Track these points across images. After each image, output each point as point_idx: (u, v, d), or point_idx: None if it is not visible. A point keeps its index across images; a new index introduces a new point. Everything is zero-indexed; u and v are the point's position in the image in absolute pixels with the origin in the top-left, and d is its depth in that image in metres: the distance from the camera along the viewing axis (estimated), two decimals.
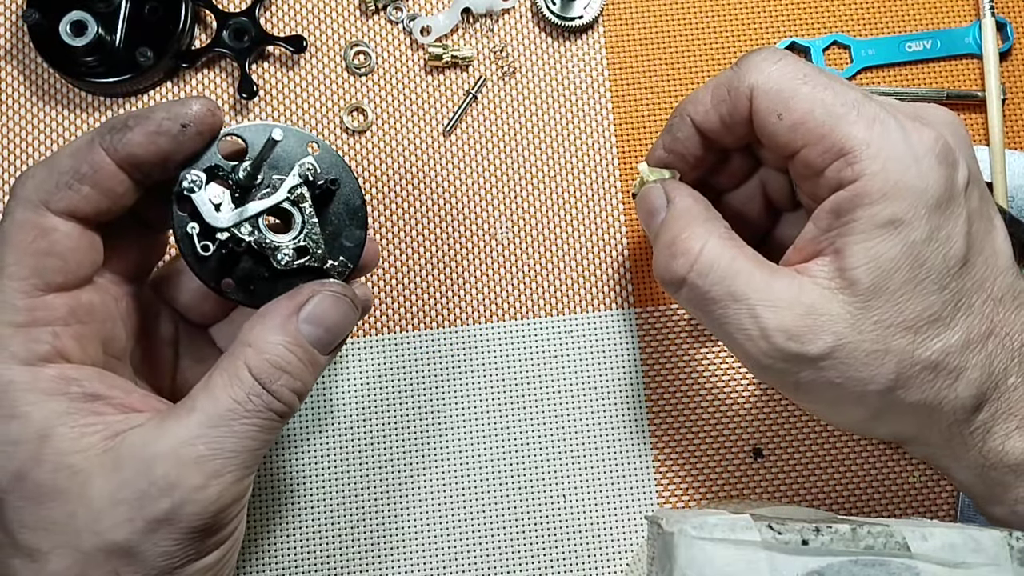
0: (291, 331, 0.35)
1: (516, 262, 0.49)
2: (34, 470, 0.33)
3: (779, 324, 0.35)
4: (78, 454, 0.33)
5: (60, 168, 0.34)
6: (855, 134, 0.35)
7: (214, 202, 0.36)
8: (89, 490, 0.33)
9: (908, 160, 0.35)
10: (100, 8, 0.48)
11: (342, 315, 0.37)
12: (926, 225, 0.35)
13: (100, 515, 0.32)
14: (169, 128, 0.35)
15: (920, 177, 0.34)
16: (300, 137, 0.38)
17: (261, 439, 0.35)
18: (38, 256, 0.34)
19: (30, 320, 0.34)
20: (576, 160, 0.50)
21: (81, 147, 0.35)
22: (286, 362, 0.35)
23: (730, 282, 0.36)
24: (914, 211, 0.34)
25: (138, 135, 0.34)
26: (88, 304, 0.36)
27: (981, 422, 0.36)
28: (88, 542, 0.32)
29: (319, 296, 0.36)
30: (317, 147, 0.38)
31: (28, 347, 0.34)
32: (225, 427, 0.34)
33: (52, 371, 0.34)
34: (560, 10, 0.50)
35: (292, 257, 0.37)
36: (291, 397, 0.35)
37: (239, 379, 0.34)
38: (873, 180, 0.34)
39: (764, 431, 0.48)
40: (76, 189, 0.34)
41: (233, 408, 0.34)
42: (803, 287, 0.36)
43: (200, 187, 0.36)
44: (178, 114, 0.35)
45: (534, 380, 0.48)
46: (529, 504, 0.47)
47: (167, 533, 0.33)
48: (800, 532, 0.35)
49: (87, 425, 0.33)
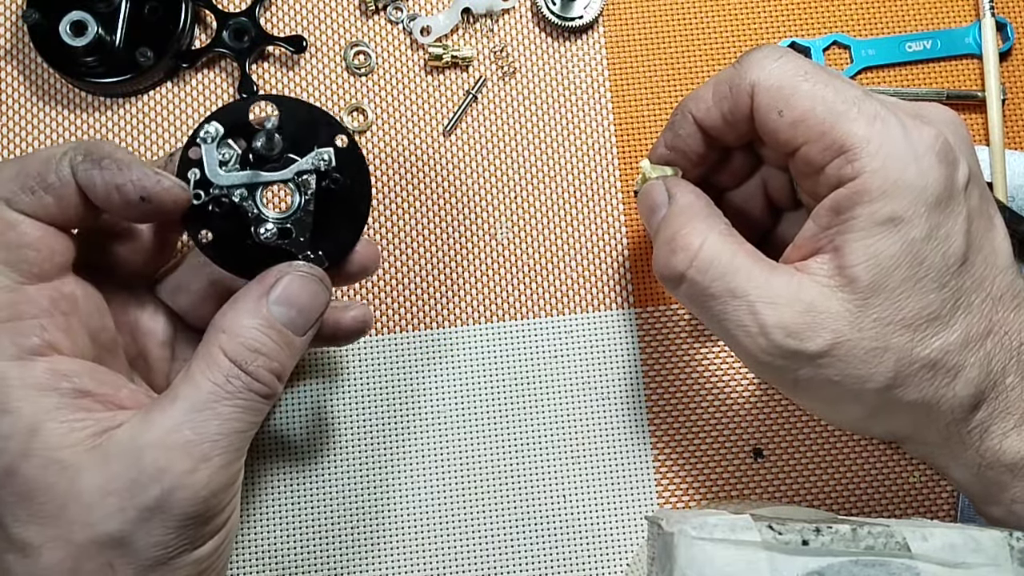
0: (262, 314, 0.36)
1: (516, 262, 0.49)
2: (23, 465, 0.33)
3: (778, 321, 0.35)
4: (67, 449, 0.33)
5: (29, 171, 0.34)
6: (855, 131, 0.35)
7: (222, 159, 0.37)
8: (79, 484, 0.33)
9: (908, 158, 0.35)
10: (100, 8, 0.48)
11: (311, 295, 0.37)
12: (925, 223, 0.34)
13: (91, 507, 0.32)
14: (128, 193, 0.34)
15: (920, 175, 0.34)
16: (332, 128, 0.38)
17: (246, 420, 0.35)
18: (9, 248, 0.34)
19: (14, 314, 0.34)
20: (576, 160, 0.50)
21: (55, 156, 0.35)
22: (260, 343, 0.35)
23: (729, 278, 0.36)
24: (914, 209, 0.34)
25: (101, 178, 0.34)
26: (70, 295, 0.36)
27: (979, 421, 0.36)
28: (80, 534, 0.32)
29: (287, 277, 0.36)
30: (346, 141, 0.38)
31: (16, 341, 0.34)
32: (208, 410, 0.34)
33: (43, 364, 0.34)
34: (560, 10, 0.50)
35: (273, 235, 0.37)
36: (270, 378, 0.35)
37: (216, 363, 0.34)
38: (873, 177, 0.34)
39: (764, 431, 0.48)
40: (39, 196, 0.34)
41: (213, 391, 0.34)
42: (802, 284, 0.36)
43: (212, 140, 0.37)
44: (142, 188, 0.35)
45: (534, 380, 0.48)
46: (529, 504, 0.47)
47: (159, 522, 0.33)
48: (800, 532, 0.35)
49: (76, 421, 0.33)
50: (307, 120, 0.38)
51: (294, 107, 0.38)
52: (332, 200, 0.38)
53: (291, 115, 0.38)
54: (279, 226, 0.37)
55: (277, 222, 0.37)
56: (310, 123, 0.38)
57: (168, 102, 0.50)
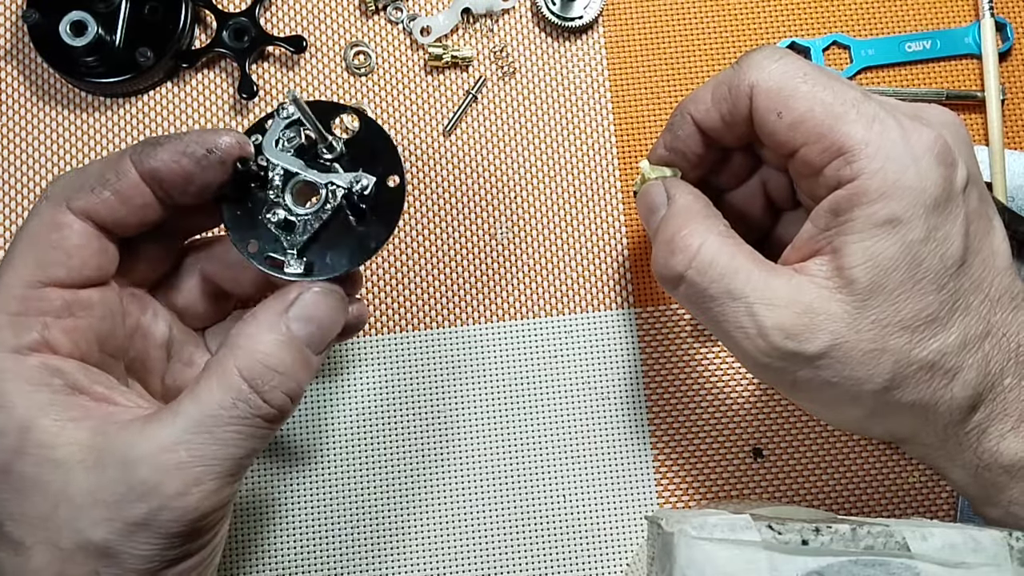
0: (282, 329, 0.35)
1: (516, 262, 0.49)
2: (17, 462, 0.33)
3: (776, 322, 0.35)
4: (61, 448, 0.33)
5: (90, 172, 0.36)
6: (854, 133, 0.35)
7: (282, 138, 0.38)
8: (71, 486, 0.32)
9: (907, 160, 0.35)
10: (100, 8, 0.48)
11: (331, 310, 0.37)
12: (924, 225, 0.34)
13: (80, 512, 0.32)
14: (195, 151, 0.36)
15: (919, 177, 0.34)
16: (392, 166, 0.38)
17: (247, 447, 0.34)
18: (45, 249, 0.35)
19: (22, 309, 0.34)
20: (576, 160, 0.50)
21: (113, 156, 0.36)
22: (278, 361, 0.34)
23: (728, 280, 0.36)
24: (912, 211, 0.34)
25: (164, 152, 0.35)
26: (87, 299, 0.36)
27: (976, 423, 0.36)
28: (68, 539, 0.32)
29: (308, 292, 0.36)
30: (397, 182, 0.38)
31: (16, 335, 0.34)
32: (207, 433, 0.33)
33: (35, 360, 0.34)
34: (560, 10, 0.50)
35: (277, 223, 0.37)
36: (283, 400, 0.35)
37: (226, 382, 0.34)
38: (871, 179, 0.34)
39: (764, 431, 0.48)
40: (98, 192, 0.35)
41: (216, 414, 0.33)
42: (801, 286, 0.36)
43: (284, 118, 0.38)
44: (206, 140, 0.36)
45: (534, 380, 0.48)
46: (529, 504, 0.47)
47: (145, 537, 0.33)
48: (800, 532, 0.35)
49: (70, 419, 0.33)
50: (377, 148, 0.38)
51: (375, 131, 0.38)
52: (348, 224, 0.38)
53: (366, 135, 0.38)
54: (287, 216, 0.37)
55: (287, 211, 0.37)
56: (377, 151, 0.38)
57: (168, 102, 0.50)
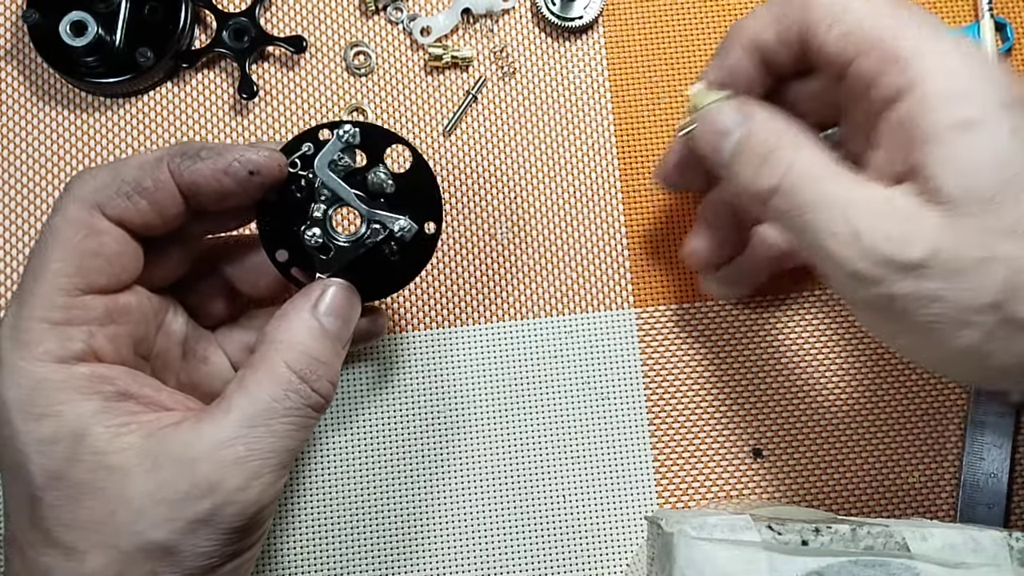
0: (316, 324, 0.36)
1: (516, 262, 0.49)
2: (71, 469, 0.33)
3: (876, 225, 0.33)
4: (115, 454, 0.33)
5: (125, 176, 0.35)
6: (909, 38, 0.34)
7: (334, 157, 0.38)
8: (128, 489, 0.33)
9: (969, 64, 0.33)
10: (100, 8, 0.48)
11: (352, 305, 0.38)
12: (1004, 123, 0.32)
13: (140, 514, 0.32)
14: (237, 171, 0.36)
15: (985, 79, 0.33)
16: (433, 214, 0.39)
17: (299, 437, 0.35)
18: (85, 256, 0.35)
19: (66, 319, 0.34)
20: (576, 160, 0.50)
21: (150, 162, 0.35)
22: (320, 352, 0.36)
23: (824, 186, 0.35)
24: (986, 109, 0.33)
25: (206, 168, 0.35)
26: (125, 305, 0.36)
27: None
28: (127, 541, 0.32)
29: (332, 288, 0.37)
30: (432, 230, 0.39)
31: (63, 345, 0.34)
32: (263, 426, 0.34)
33: (84, 369, 0.34)
34: (560, 10, 0.50)
35: (315, 241, 0.38)
36: (329, 388, 0.36)
37: (275, 376, 0.35)
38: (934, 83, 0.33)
39: (764, 431, 0.48)
40: (135, 201, 0.35)
41: (270, 407, 0.34)
42: (894, 198, 0.34)
43: (341, 138, 0.38)
44: (250, 161, 0.36)
45: (534, 380, 0.48)
46: (529, 504, 0.47)
47: (207, 533, 0.33)
48: (800, 532, 0.35)
49: (122, 424, 0.33)
50: (423, 188, 0.39)
51: (425, 174, 0.39)
52: (378, 261, 0.39)
53: (416, 176, 0.39)
54: (325, 240, 0.38)
55: (326, 235, 0.38)
56: (422, 192, 0.39)
57: (168, 102, 0.50)
